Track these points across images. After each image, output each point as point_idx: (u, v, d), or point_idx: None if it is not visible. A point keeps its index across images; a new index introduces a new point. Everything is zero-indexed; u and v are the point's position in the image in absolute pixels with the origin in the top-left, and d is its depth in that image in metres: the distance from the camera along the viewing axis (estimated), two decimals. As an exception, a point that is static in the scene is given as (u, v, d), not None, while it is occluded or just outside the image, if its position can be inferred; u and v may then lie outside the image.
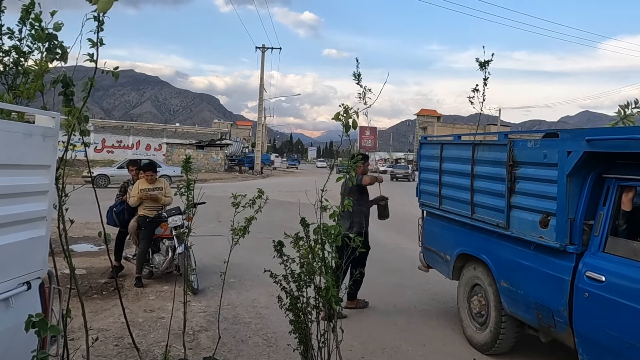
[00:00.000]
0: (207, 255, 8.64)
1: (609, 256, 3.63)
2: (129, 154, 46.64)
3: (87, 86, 2.77)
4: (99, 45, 2.82)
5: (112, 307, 6.16)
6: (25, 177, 2.42)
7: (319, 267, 3.87)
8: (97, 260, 8.45)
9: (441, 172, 5.89)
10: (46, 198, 2.64)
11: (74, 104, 3.00)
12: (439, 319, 6.27)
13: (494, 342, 4.94)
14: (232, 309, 6.22)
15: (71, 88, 3.00)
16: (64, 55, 3.18)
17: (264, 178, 41.34)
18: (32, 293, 2.55)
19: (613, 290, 3.46)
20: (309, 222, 3.94)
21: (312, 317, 3.94)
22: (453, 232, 5.71)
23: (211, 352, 4.62)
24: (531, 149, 4.28)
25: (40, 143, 2.51)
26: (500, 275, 4.76)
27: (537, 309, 4.24)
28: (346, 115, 3.65)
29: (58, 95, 3.00)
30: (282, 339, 5.27)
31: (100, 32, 2.84)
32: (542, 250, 4.19)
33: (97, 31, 2.74)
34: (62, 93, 3.00)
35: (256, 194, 4.20)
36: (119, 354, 4.72)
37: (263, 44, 45.69)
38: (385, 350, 5.18)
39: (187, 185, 4.24)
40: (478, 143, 5.11)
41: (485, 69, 5.54)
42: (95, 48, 2.83)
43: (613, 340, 3.45)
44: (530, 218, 4.28)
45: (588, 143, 3.66)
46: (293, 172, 65.33)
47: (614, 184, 3.77)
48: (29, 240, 2.50)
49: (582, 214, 3.86)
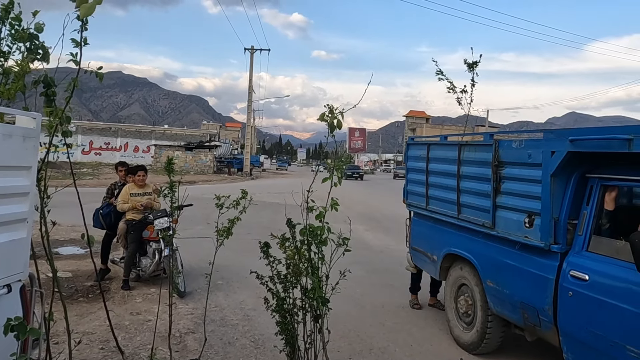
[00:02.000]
0: (194, 258, 8.58)
1: (593, 255, 3.67)
2: (117, 156, 46.24)
3: (70, 86, 2.74)
4: (83, 45, 2.80)
5: (97, 310, 6.10)
6: (5, 179, 2.39)
7: (305, 268, 3.87)
8: (84, 263, 8.36)
9: (428, 173, 5.91)
10: (27, 200, 2.60)
11: (56, 104, 2.97)
12: (426, 320, 6.29)
13: (480, 341, 4.96)
14: (219, 311, 6.19)
15: (53, 89, 2.97)
16: (45, 56, 3.15)
17: (253, 180, 41.20)
18: (13, 296, 2.52)
19: (597, 289, 3.49)
20: (295, 223, 3.94)
21: (298, 318, 3.93)
22: (440, 232, 5.73)
23: (198, 354, 4.59)
24: (516, 149, 4.31)
25: (20, 144, 2.47)
26: (486, 275, 4.79)
27: (522, 308, 4.26)
28: (331, 116, 3.67)
29: (40, 96, 2.97)
30: (269, 341, 5.24)
31: (85, 31, 2.81)
32: (527, 250, 4.23)
33: (80, 30, 2.72)
34: (44, 94, 2.97)
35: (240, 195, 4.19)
36: (104, 357, 4.68)
37: (252, 46, 45.61)
38: (372, 351, 5.18)
39: (170, 186, 4.20)
40: (464, 143, 5.14)
41: (473, 70, 5.56)
42: (78, 48, 2.80)
43: (597, 339, 3.48)
44: (515, 218, 4.31)
45: (571, 143, 3.69)
46: (282, 173, 65.24)
47: (597, 184, 3.81)
48: (9, 242, 2.47)
49: (566, 214, 3.90)
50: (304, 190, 3.90)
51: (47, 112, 2.85)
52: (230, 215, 4.04)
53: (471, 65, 6.17)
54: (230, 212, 4.07)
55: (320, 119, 3.81)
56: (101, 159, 45.17)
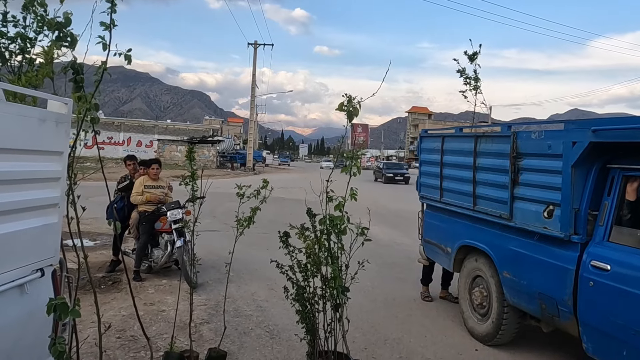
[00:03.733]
0: (203, 251, 8.55)
1: (614, 245, 3.67)
2: (120, 150, 46.34)
3: (100, 70, 2.74)
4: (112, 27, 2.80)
5: (111, 300, 6.13)
6: (39, 163, 2.40)
7: (325, 257, 3.88)
8: (93, 255, 8.38)
9: (442, 165, 5.91)
10: (58, 185, 2.61)
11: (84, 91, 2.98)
12: (438, 312, 6.31)
13: (495, 333, 4.97)
14: (232, 302, 6.20)
15: (81, 75, 2.98)
16: (73, 43, 3.15)
17: (256, 175, 41.21)
18: (45, 280, 2.53)
19: (619, 279, 3.50)
20: (314, 213, 3.95)
21: (318, 307, 3.95)
22: (454, 224, 5.74)
23: (214, 343, 4.61)
24: (535, 140, 4.30)
25: (53, 129, 2.48)
26: (502, 266, 4.79)
27: (540, 299, 4.27)
28: (349, 104, 3.73)
29: (68, 82, 2.98)
30: (284, 331, 5.27)
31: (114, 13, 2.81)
32: (545, 241, 4.23)
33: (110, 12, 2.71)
34: (73, 80, 2.97)
35: (261, 184, 4.22)
36: (122, 346, 4.70)
37: (255, 41, 45.54)
38: (387, 341, 5.20)
39: (191, 175, 4.23)
40: (481, 135, 5.13)
41: (474, 60, 5.55)
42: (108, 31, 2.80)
43: (618, 328, 3.48)
44: (534, 209, 4.31)
45: (594, 133, 3.69)
46: (285, 169, 65.28)
47: (618, 174, 3.80)
48: (42, 227, 2.48)
49: (587, 204, 3.90)
50: (309, 185, 3.95)
51: (76, 97, 2.85)
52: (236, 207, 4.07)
53: (471, 57, 6.17)
54: (233, 204, 4.09)
55: (339, 109, 3.85)
56: (104, 153, 45.16)
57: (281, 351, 4.81)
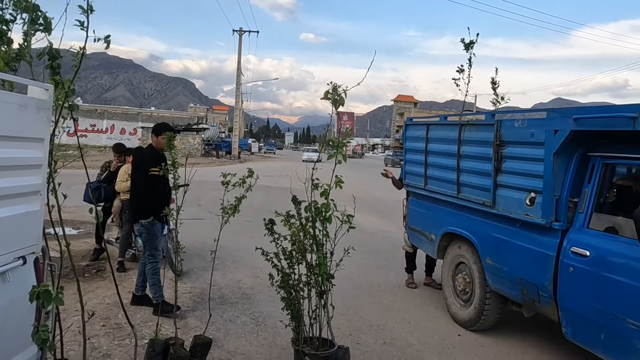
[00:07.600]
0: (188, 239, 8.53)
1: (594, 232, 3.74)
2: (103, 138, 45.75)
3: (78, 56, 2.70)
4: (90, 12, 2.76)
5: (95, 289, 6.09)
6: (21, 150, 2.36)
7: (310, 244, 3.90)
8: (77, 243, 8.30)
9: (427, 153, 5.94)
10: (40, 172, 2.58)
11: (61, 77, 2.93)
12: (422, 298, 6.38)
13: (478, 318, 5.05)
14: (217, 290, 6.21)
15: (58, 60, 2.93)
16: (48, 27, 3.09)
17: (241, 163, 41.01)
18: (28, 268, 2.51)
19: (597, 264, 3.57)
20: (300, 200, 3.96)
21: (303, 294, 3.98)
22: (438, 211, 5.79)
23: (199, 331, 4.61)
24: (518, 128, 4.35)
25: (34, 115, 2.44)
26: (485, 252, 4.86)
27: (522, 285, 4.35)
28: (334, 93, 3.76)
29: (45, 68, 2.93)
30: (269, 318, 5.30)
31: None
32: (527, 228, 4.29)
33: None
34: (49, 66, 2.93)
35: (246, 173, 4.20)
36: (106, 334, 4.69)
37: (240, 27, 45.09)
38: (372, 327, 5.25)
39: (172, 163, 4.18)
40: (465, 123, 5.17)
41: (470, 49, 5.55)
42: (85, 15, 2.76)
43: (596, 312, 3.57)
44: (516, 196, 4.36)
45: (575, 122, 3.73)
46: (271, 157, 65.10)
47: (599, 162, 3.87)
48: (24, 214, 2.45)
49: (568, 192, 3.96)
50: (295, 172, 3.96)
51: (53, 83, 2.81)
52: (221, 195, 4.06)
53: (468, 45, 6.17)
54: (219, 193, 4.08)
55: (325, 97, 3.87)
56: (87, 141, 44.50)
57: (266, 338, 4.84)
